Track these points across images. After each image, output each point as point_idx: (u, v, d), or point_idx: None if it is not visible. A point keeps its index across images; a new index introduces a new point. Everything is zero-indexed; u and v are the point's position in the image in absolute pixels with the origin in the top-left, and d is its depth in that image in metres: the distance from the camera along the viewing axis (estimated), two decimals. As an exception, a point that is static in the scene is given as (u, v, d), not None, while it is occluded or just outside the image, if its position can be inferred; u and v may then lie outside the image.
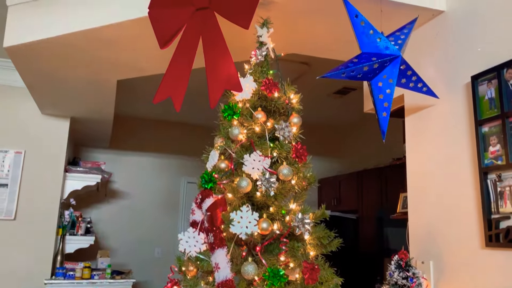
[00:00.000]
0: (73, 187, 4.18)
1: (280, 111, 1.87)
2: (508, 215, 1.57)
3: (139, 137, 5.87)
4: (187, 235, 1.69)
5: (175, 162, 6.05)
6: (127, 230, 5.59)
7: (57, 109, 3.84)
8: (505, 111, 1.61)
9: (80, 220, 4.27)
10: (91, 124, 4.34)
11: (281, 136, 1.76)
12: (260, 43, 1.95)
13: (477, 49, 1.82)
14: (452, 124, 1.90)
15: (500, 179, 1.61)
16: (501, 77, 1.65)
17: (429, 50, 2.09)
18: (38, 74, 2.88)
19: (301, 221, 1.62)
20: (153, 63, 2.66)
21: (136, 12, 2.15)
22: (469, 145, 1.79)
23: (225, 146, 1.80)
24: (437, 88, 1.97)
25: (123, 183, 5.71)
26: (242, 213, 1.59)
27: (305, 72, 4.01)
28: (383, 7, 1.92)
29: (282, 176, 1.69)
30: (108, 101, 3.53)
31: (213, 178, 1.75)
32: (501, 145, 1.62)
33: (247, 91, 1.82)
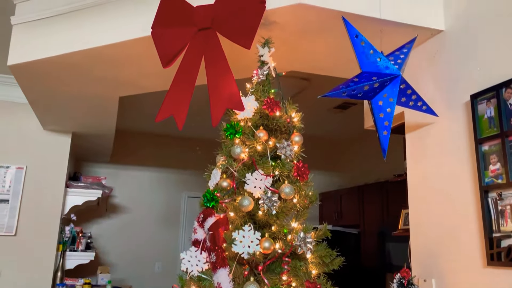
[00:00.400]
0: (74, 203, 4.18)
1: (281, 129, 1.89)
2: (509, 233, 1.57)
3: (140, 152, 5.89)
4: (189, 254, 1.70)
5: (176, 177, 6.06)
6: (127, 245, 5.57)
7: (59, 125, 3.87)
8: (505, 130, 1.63)
9: (81, 236, 4.27)
10: (92, 139, 4.36)
11: (283, 154, 1.77)
12: (262, 62, 1.97)
13: (476, 68, 1.84)
14: (452, 142, 1.91)
15: (500, 198, 1.62)
16: (500, 97, 1.67)
17: (428, 69, 2.11)
18: (41, 91, 2.91)
19: (303, 240, 1.63)
20: (155, 81, 2.69)
21: (139, 31, 2.18)
22: (469, 163, 1.80)
23: (227, 165, 1.81)
24: (437, 106, 1.99)
25: (123, 198, 5.71)
26: (244, 232, 1.60)
27: (306, 87, 4.04)
28: (383, 26, 1.96)
29: (284, 195, 1.70)
30: (110, 116, 3.56)
31: (215, 197, 1.75)
32: (501, 163, 1.63)
33: (249, 110, 1.83)
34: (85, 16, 2.35)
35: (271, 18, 1.96)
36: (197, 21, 1.98)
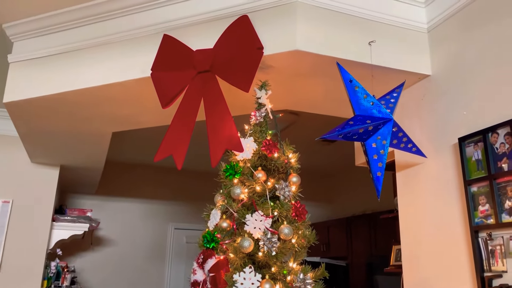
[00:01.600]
0: (60, 237, 4.11)
1: (279, 170, 1.94)
2: (500, 273, 1.64)
3: (126, 183, 5.85)
4: (189, 296, 1.70)
5: (162, 208, 6.01)
6: (112, 279, 5.44)
7: (48, 158, 3.84)
8: (492, 173, 1.71)
9: (66, 271, 4.17)
10: (80, 172, 4.33)
11: (282, 195, 1.82)
12: (259, 104, 2.04)
13: (462, 112, 1.94)
14: (443, 182, 1.99)
15: (490, 238, 1.69)
16: (487, 141, 1.76)
17: (417, 111, 2.22)
18: (34, 127, 2.91)
19: (303, 282, 1.66)
20: (151, 117, 2.73)
21: (138, 72, 2.23)
22: (459, 204, 1.88)
23: (226, 205, 1.84)
24: (426, 147, 2.08)
25: (109, 230, 5.62)
26: (245, 274, 1.62)
27: (295, 121, 4.13)
28: (374, 72, 2.06)
29: (284, 236, 1.74)
30: (101, 151, 3.56)
31: (215, 238, 1.78)
32: (490, 205, 1.71)
33: (248, 151, 1.89)
34: (83, 55, 2.40)
35: (268, 63, 2.05)
36: (197, 64, 2.05)
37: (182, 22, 2.19)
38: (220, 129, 1.94)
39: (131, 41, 2.33)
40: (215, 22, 2.12)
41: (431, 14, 2.18)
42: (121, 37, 2.34)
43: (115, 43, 2.35)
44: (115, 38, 2.36)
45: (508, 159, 1.66)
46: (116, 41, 2.35)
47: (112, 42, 2.35)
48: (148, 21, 2.27)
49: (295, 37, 1.95)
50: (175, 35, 2.13)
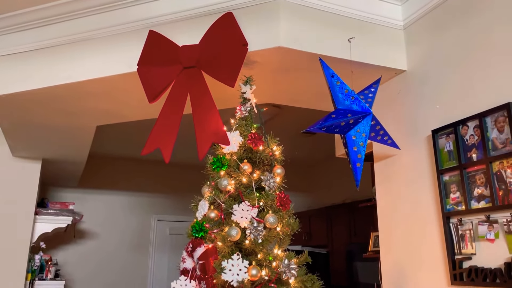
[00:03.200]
0: (43, 230, 4.11)
1: (264, 162, 2.02)
2: (470, 255, 1.77)
3: (108, 176, 5.84)
4: (179, 283, 1.78)
5: (145, 200, 6.04)
6: (95, 271, 5.47)
7: (30, 152, 3.82)
8: (462, 162, 1.84)
9: (50, 264, 4.18)
10: (63, 165, 4.32)
11: (267, 186, 1.90)
12: (244, 99, 2.11)
13: (435, 105, 2.06)
14: (417, 172, 2.12)
15: (461, 223, 1.82)
16: (458, 133, 1.89)
17: (393, 105, 2.33)
18: (17, 121, 2.91)
19: (287, 267, 1.75)
20: (136, 111, 2.77)
21: (124, 67, 2.27)
22: (432, 192, 2.00)
23: (214, 196, 1.92)
24: (402, 139, 2.20)
25: (91, 223, 5.62)
26: (233, 261, 1.71)
27: (277, 114, 4.22)
28: (353, 68, 2.16)
29: (269, 224, 1.83)
30: (84, 145, 3.58)
31: (204, 228, 1.86)
32: (460, 192, 1.84)
33: (234, 144, 1.96)
34: (67, 50, 2.41)
35: (253, 59, 2.12)
36: (183, 60, 2.11)
37: (167, 18, 2.24)
38: (206, 123, 2.01)
39: (115, 37, 2.35)
40: (200, 19, 2.17)
41: (406, 12, 2.29)
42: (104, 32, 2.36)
43: (98, 38, 2.37)
44: (99, 33, 2.37)
45: (477, 149, 1.79)
46: (100, 36, 2.37)
47: (96, 37, 2.37)
48: (132, 17, 2.30)
49: (279, 34, 2.02)
50: (160, 31, 2.18)
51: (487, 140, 1.74)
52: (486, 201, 1.71)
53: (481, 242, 1.73)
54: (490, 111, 1.74)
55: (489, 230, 1.68)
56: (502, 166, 1.67)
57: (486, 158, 1.73)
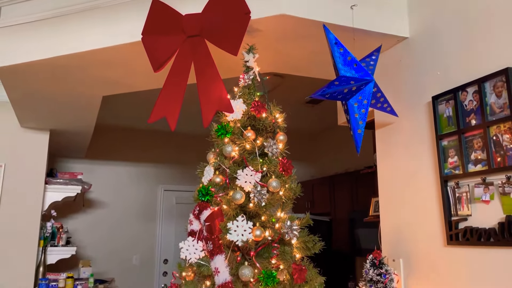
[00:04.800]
0: (53, 199, 4.23)
1: (267, 129, 2.07)
2: (466, 217, 1.84)
3: (115, 146, 5.94)
4: (187, 244, 1.87)
5: (151, 170, 6.15)
6: (105, 239, 5.64)
7: (38, 122, 3.90)
8: (461, 127, 1.88)
9: (61, 231, 4.33)
10: (70, 136, 4.40)
11: (270, 152, 1.96)
12: (247, 67, 2.15)
13: (436, 72, 2.09)
14: (417, 138, 2.17)
15: (458, 186, 1.88)
16: (457, 98, 1.92)
17: (394, 73, 2.36)
18: (25, 92, 2.96)
19: (290, 228, 1.83)
20: (142, 80, 2.81)
21: (128, 37, 2.29)
22: (431, 157, 2.06)
23: (219, 162, 1.99)
24: (403, 106, 2.24)
25: (99, 193, 5.76)
26: (238, 222, 1.79)
27: (280, 84, 4.24)
28: (355, 35, 2.17)
29: (272, 188, 1.90)
30: (91, 115, 3.63)
31: (209, 192, 1.93)
32: (458, 157, 1.89)
33: (238, 112, 2.01)
34: (72, 20, 2.44)
35: (255, 26, 2.14)
36: (186, 28, 2.13)
37: (170, -13, 2.24)
38: (210, 92, 2.05)
39: (120, 6, 2.37)
40: (202, -13, 2.17)
41: (410, -22, 2.28)
42: (109, 2, 2.38)
43: (103, 8, 2.39)
44: (103, 3, 2.39)
45: (475, 115, 1.83)
46: (105, 5, 2.39)
47: (101, 7, 2.39)
48: (136, -14, 2.31)
49: (281, 2, 2.03)
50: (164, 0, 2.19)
51: (485, 105, 1.78)
52: (483, 164, 1.76)
53: (476, 204, 1.79)
54: (489, 77, 1.77)
55: (484, 192, 1.74)
56: (499, 131, 1.71)
57: (484, 123, 1.77)
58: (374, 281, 2.06)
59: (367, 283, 2.08)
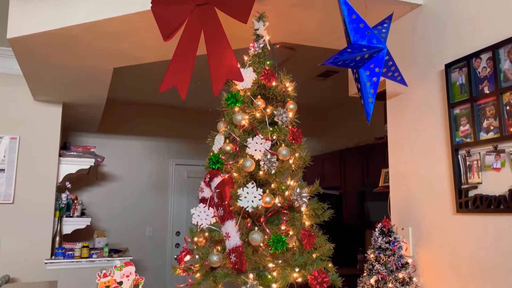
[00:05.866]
0: (68, 171, 4.32)
1: (277, 98, 2.07)
2: (476, 185, 1.84)
3: (127, 121, 5.99)
4: (198, 210, 1.90)
5: (163, 145, 6.21)
6: (118, 211, 5.76)
7: (50, 95, 3.94)
8: (473, 95, 1.86)
9: (76, 203, 4.43)
10: (82, 109, 4.45)
11: (280, 121, 1.97)
12: (257, 35, 2.13)
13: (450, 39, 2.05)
14: (428, 106, 2.15)
15: (469, 154, 1.87)
16: (470, 66, 1.89)
17: (407, 40, 2.32)
18: (37, 63, 2.99)
19: (299, 195, 1.85)
20: (152, 52, 2.81)
21: (138, 6, 2.29)
22: (443, 125, 2.04)
23: (229, 131, 2.00)
24: (415, 75, 2.21)
25: (112, 166, 5.85)
26: (248, 189, 1.81)
27: (291, 56, 4.20)
28: (368, 2, 2.13)
29: (282, 157, 1.91)
30: (102, 87, 3.66)
31: (220, 160, 1.95)
32: (470, 125, 1.87)
33: (248, 80, 2.01)
34: (83, -11, 2.43)
35: (266, -7, 2.11)
36: (196, -4, 2.11)
37: (179, -46, 2.21)
38: (220, 60, 2.04)
39: (129, -26, 2.35)
40: (212, -47, 2.14)
41: None
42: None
43: (113, -24, 2.38)
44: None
45: (489, 82, 1.80)
46: (114, -26, 2.38)
47: (110, -25, 2.38)
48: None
49: (292, -33, 2.00)
50: (173, -33, 2.16)
51: (499, 72, 1.75)
52: (495, 132, 1.75)
53: (487, 172, 1.79)
54: (503, 43, 1.73)
55: (495, 159, 1.73)
56: (513, 97, 1.69)
57: (497, 90, 1.74)
58: (382, 248, 2.08)
59: (375, 250, 2.11)
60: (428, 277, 2.06)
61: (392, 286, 1.99)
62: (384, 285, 2.01)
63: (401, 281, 2.00)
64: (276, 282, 1.75)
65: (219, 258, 1.81)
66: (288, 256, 1.88)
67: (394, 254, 2.05)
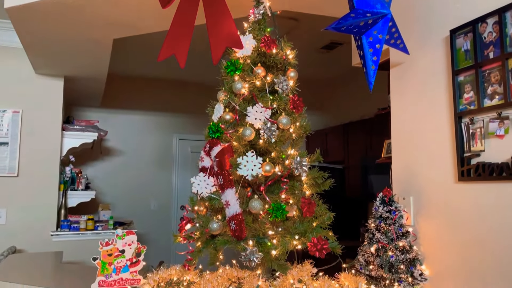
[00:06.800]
0: (71, 145, 4.33)
1: (277, 66, 2.04)
2: (478, 152, 1.81)
3: (130, 95, 5.97)
4: (198, 179, 1.90)
5: (166, 120, 6.20)
6: (123, 186, 5.81)
7: (52, 69, 3.92)
8: (478, 61, 1.82)
9: (80, 176, 4.46)
10: (84, 83, 4.43)
11: (280, 89, 1.94)
12: (257, 1, 2.08)
13: (455, 4, 1.99)
14: (432, 75, 2.10)
15: (472, 122, 1.84)
16: (476, 31, 1.84)
17: (411, 6, 2.25)
18: (36, 34, 2.95)
19: (299, 163, 1.84)
20: (151, 22, 2.76)
21: (136, -28, 2.23)
22: (446, 93, 2.00)
23: (229, 100, 1.98)
24: (418, 42, 2.15)
25: (116, 141, 5.87)
26: (248, 157, 1.80)
27: (294, 27, 4.13)
28: (371, -34, 2.06)
29: (282, 125, 1.89)
30: (103, 59, 3.62)
31: (219, 129, 1.94)
32: (474, 92, 1.83)
33: (248, 48, 1.97)
34: (79, -44, 2.38)
35: (266, -42, 2.05)
36: (194, -39, 2.05)
37: None
38: (220, 27, 2.00)
39: None
40: None
41: None
42: None
43: None
44: None
45: (494, 47, 1.75)
46: None
47: None
48: None
49: None
50: None
51: (505, 36, 1.70)
52: (499, 98, 1.71)
53: (490, 139, 1.76)
54: (510, 6, 1.67)
55: (499, 126, 1.70)
56: (519, 63, 1.64)
57: (503, 55, 1.70)
58: (383, 217, 2.08)
59: (376, 219, 2.11)
60: (429, 245, 2.07)
61: (392, 254, 2.00)
62: (384, 253, 2.02)
63: (401, 249, 2.01)
64: (276, 249, 1.76)
65: (219, 226, 1.82)
66: (288, 225, 1.88)
67: (395, 223, 2.05)
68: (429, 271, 2.03)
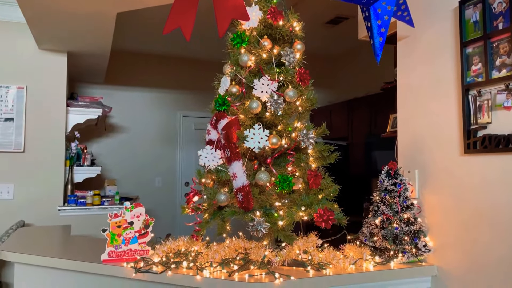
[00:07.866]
0: (76, 121, 4.34)
1: (284, 38, 2.02)
2: (485, 125, 1.81)
3: (134, 72, 5.94)
4: (205, 152, 1.92)
5: (170, 97, 6.19)
6: (128, 162, 5.85)
7: (55, 44, 3.89)
8: (487, 32, 1.79)
9: (86, 152, 4.49)
10: (87, 59, 4.40)
11: (287, 61, 1.93)
12: (264, -28, 2.05)
13: (466, -25, 1.95)
14: (440, 47, 2.08)
15: (479, 94, 1.83)
16: (486, 1, 1.81)
17: (421, -23, 2.21)
18: (39, 7, 2.92)
19: (306, 136, 1.85)
20: (155, -5, 2.73)
21: None
22: (454, 65, 1.99)
23: (235, 72, 1.97)
24: (426, 13, 2.13)
25: (120, 118, 5.88)
26: (255, 130, 1.81)
27: (298, 2, 4.07)
28: None
29: (288, 98, 1.89)
30: (106, 34, 3.59)
31: (226, 101, 1.94)
32: (482, 63, 1.82)
33: (254, 20, 1.95)
34: None
35: None
36: None
37: None
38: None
39: None
40: None
41: None
42: None
43: None
44: None
45: (504, 18, 1.73)
46: None
47: None
48: None
49: None
50: None
51: (516, 6, 1.67)
52: (508, 70, 1.70)
53: (497, 111, 1.76)
54: (523, -26, 1.64)
55: (507, 98, 1.69)
56: (529, 33, 1.62)
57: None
58: (388, 190, 2.10)
59: (381, 192, 2.13)
60: (433, 218, 2.09)
61: (396, 226, 2.03)
62: (389, 225, 2.05)
63: (405, 221, 2.03)
64: (283, 220, 1.79)
65: (227, 197, 1.84)
66: (294, 197, 1.90)
67: (400, 195, 2.07)
68: (433, 242, 2.06)
